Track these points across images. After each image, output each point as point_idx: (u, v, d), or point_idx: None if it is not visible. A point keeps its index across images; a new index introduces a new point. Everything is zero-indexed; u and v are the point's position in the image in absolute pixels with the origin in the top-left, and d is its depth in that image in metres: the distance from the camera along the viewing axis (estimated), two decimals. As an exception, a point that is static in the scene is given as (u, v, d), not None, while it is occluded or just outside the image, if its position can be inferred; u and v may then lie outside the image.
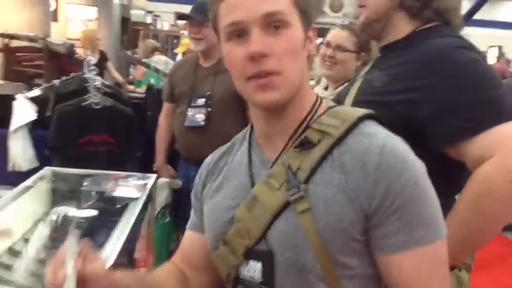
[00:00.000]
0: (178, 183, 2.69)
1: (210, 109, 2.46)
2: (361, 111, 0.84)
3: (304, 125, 0.85)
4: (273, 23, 0.79)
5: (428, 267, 0.78)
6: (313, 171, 0.80)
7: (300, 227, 0.78)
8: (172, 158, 2.85)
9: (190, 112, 2.48)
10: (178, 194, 2.71)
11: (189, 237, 1.01)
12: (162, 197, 2.70)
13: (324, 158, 0.80)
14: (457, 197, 1.13)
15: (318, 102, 0.88)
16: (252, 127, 0.94)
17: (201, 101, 2.48)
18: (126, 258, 2.38)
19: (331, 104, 0.91)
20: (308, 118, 0.85)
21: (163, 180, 2.71)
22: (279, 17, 0.79)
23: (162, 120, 2.80)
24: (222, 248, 0.87)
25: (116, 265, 1.47)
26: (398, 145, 0.80)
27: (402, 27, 1.21)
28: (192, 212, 1.02)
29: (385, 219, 0.77)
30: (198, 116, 2.47)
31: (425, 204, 0.78)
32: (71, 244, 0.76)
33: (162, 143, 2.80)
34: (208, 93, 2.47)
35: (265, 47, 0.78)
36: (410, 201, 0.77)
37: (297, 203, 0.79)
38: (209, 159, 1.02)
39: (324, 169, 0.80)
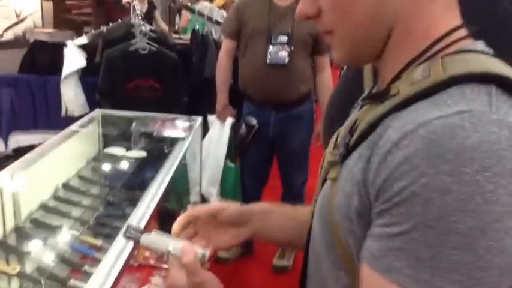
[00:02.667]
0: (253, 119, 2.62)
1: (292, 47, 2.43)
2: (480, 68, 0.55)
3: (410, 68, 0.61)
4: None
5: None
6: (362, 135, 0.61)
7: (327, 196, 0.66)
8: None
9: (272, 49, 2.44)
10: (251, 132, 2.66)
11: None
12: (227, 137, 2.72)
13: (379, 120, 0.58)
14: None
15: (448, 40, 0.59)
16: None
17: (283, 38, 2.43)
18: (176, 199, 2.48)
19: (477, 45, 0.60)
20: (416, 62, 0.60)
21: (230, 120, 2.72)
22: None
23: (224, 58, 2.69)
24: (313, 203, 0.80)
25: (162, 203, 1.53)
26: (460, 133, 0.48)
27: None
28: None
29: (374, 217, 0.55)
30: (282, 54, 2.43)
31: (433, 236, 0.49)
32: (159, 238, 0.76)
33: (225, 82, 2.72)
34: (289, 31, 2.44)
35: (308, 8, 0.65)
36: (403, 214, 0.51)
37: (332, 167, 0.66)
38: None
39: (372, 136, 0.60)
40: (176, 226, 0.83)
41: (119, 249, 1.17)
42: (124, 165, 2.09)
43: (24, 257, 1.44)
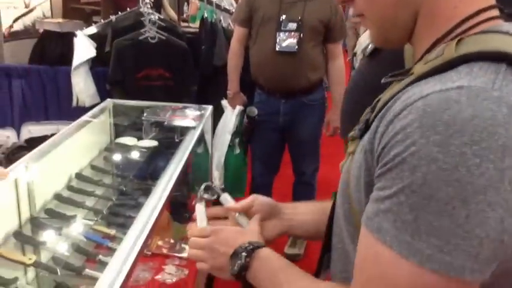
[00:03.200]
0: (255, 110, 2.62)
1: (302, 34, 2.41)
2: (493, 46, 0.55)
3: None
4: None
5: (370, 270, 0.57)
6: (379, 111, 0.61)
7: (347, 170, 0.69)
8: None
9: (281, 36, 2.43)
10: (252, 123, 2.66)
11: None
12: (233, 124, 2.72)
13: (393, 97, 0.60)
14: None
15: (474, 21, 0.59)
16: None
17: (292, 25, 2.42)
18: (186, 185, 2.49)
19: (503, 26, 0.59)
20: (441, 42, 0.61)
21: (238, 108, 2.72)
22: None
23: (236, 45, 2.69)
24: None
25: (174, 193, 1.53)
26: (454, 107, 0.50)
27: None
28: None
29: (375, 183, 0.58)
30: (291, 41, 2.42)
31: (416, 200, 0.51)
32: (200, 211, 0.92)
33: (236, 69, 2.71)
34: (299, 18, 2.42)
35: None
36: (394, 179, 0.53)
37: (352, 141, 0.70)
38: None
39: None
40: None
41: (133, 239, 1.19)
42: (136, 154, 2.10)
43: (40, 247, 1.46)
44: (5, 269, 1.30)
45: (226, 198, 0.94)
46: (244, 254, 0.77)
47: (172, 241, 2.31)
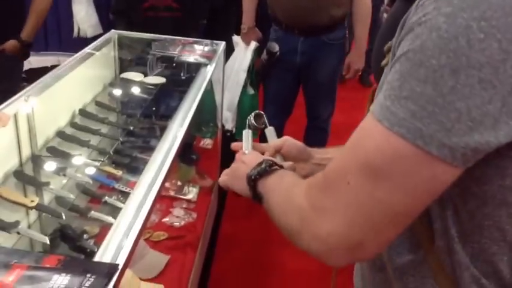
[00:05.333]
0: (276, 46, 2.40)
1: None
2: None
3: None
4: None
5: (353, 136, 0.57)
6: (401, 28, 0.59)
7: (381, 84, 0.66)
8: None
9: None
10: (272, 60, 2.45)
11: None
12: (248, 62, 2.55)
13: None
14: None
15: None
16: None
17: None
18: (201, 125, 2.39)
19: None
20: None
21: (254, 44, 2.53)
22: None
23: None
24: None
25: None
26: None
27: None
28: None
29: None
30: None
31: (407, 67, 0.50)
32: (246, 138, 0.93)
33: (252, 1, 2.50)
34: None
35: None
36: (399, 49, 0.52)
37: (388, 53, 0.66)
38: None
39: None
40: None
41: (148, 183, 1.11)
42: (142, 91, 1.97)
43: (42, 188, 1.36)
44: (5, 211, 1.21)
45: (271, 132, 0.96)
46: (270, 162, 0.77)
47: (179, 183, 2.23)
